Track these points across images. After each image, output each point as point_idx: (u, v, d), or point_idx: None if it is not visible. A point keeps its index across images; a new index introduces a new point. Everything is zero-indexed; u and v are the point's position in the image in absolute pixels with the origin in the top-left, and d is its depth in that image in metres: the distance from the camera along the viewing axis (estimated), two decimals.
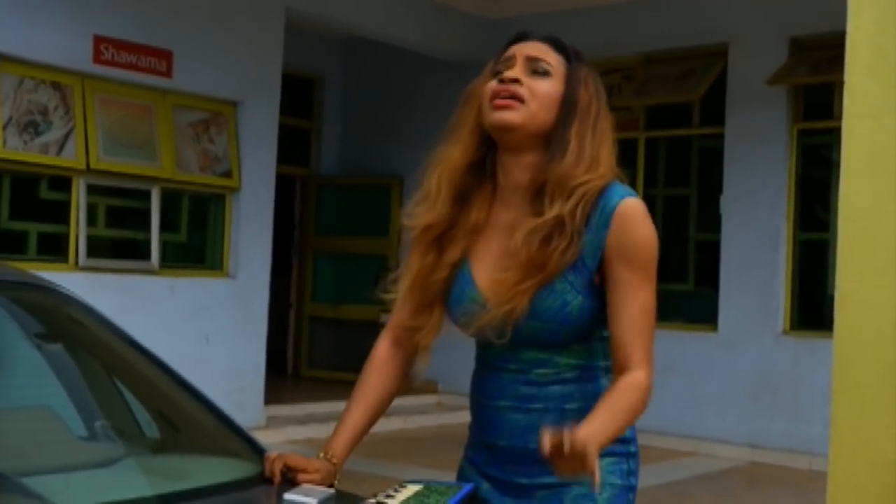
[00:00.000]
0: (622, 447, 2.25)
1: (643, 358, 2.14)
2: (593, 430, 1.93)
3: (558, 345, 2.19)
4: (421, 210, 2.33)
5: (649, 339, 2.17)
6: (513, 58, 2.24)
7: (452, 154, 2.32)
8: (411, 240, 2.37)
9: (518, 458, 2.23)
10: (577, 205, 2.16)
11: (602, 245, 2.16)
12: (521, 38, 2.30)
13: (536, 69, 2.22)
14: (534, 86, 2.21)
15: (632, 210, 2.18)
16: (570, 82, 2.23)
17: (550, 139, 2.21)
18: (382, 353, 2.40)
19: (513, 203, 2.26)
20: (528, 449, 2.17)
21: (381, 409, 2.38)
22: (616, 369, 2.16)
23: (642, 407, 2.12)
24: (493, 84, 2.23)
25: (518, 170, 2.24)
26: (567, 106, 2.21)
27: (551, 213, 2.16)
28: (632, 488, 2.27)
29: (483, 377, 2.31)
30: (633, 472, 2.27)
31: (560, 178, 2.17)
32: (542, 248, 2.15)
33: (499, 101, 2.20)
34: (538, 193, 2.21)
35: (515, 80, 2.20)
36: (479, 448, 2.34)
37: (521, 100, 2.19)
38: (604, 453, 2.18)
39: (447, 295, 2.29)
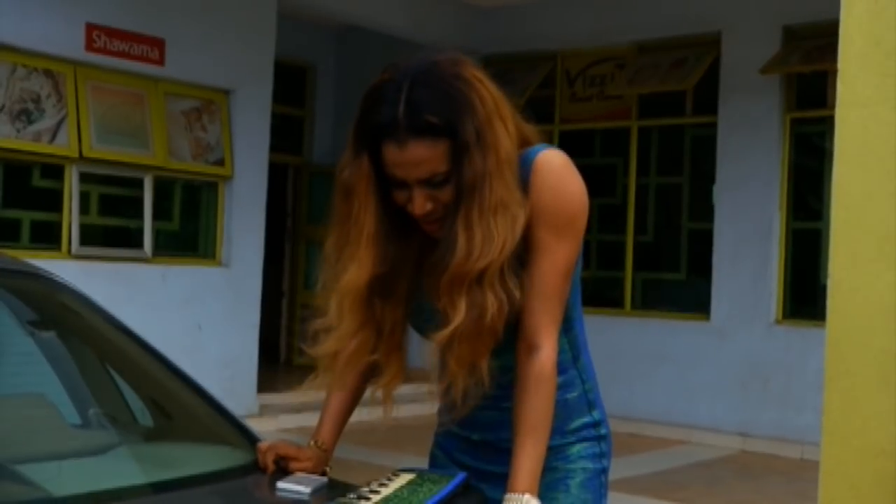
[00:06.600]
0: (593, 431, 2.23)
1: (548, 326, 2.04)
2: (527, 486, 1.98)
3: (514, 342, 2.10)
4: (329, 341, 2.11)
5: (558, 304, 2.06)
6: (403, 182, 2.01)
7: (354, 277, 2.05)
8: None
9: (491, 450, 2.22)
10: (485, 287, 1.98)
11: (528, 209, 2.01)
12: (386, 130, 1.98)
13: (432, 182, 1.99)
14: (439, 197, 2.00)
15: (547, 162, 2.03)
16: (458, 166, 1.97)
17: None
18: None
19: None
20: (502, 441, 2.16)
21: (361, 392, 2.35)
22: (520, 338, 2.05)
23: (553, 395, 2.06)
24: (414, 214, 2.04)
25: None
26: (457, 194, 1.99)
27: (457, 318, 1.98)
28: (604, 471, 2.25)
29: None
30: (604, 455, 2.25)
31: (454, 276, 1.98)
32: (472, 338, 1.99)
33: (428, 227, 2.06)
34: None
35: (430, 213, 2.02)
36: (450, 436, 2.33)
37: (441, 217, 2.03)
38: (575, 439, 2.21)
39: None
